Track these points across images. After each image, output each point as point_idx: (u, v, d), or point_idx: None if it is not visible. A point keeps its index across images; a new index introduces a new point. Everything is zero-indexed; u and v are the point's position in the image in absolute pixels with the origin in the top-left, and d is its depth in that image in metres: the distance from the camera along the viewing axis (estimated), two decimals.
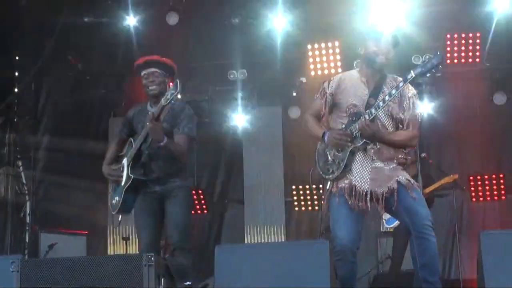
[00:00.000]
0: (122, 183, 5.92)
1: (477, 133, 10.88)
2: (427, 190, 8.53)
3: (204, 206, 11.21)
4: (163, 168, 5.92)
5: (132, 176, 5.85)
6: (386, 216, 8.40)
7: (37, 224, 10.01)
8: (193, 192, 11.07)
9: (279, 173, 11.35)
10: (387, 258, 9.63)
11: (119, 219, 6.06)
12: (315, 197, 10.74)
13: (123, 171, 5.96)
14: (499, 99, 10.73)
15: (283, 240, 10.89)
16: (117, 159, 6.12)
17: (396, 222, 8.60)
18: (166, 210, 5.91)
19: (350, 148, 5.16)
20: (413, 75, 5.11)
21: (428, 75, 5.22)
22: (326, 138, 5.26)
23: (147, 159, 5.92)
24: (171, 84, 6.02)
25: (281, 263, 5.22)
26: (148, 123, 5.70)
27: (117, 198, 5.96)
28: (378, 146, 5.18)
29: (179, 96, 6.14)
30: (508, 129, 10.81)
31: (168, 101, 5.63)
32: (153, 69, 6.01)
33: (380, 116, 5.20)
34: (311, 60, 10.62)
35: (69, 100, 11.13)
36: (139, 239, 6.05)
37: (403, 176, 5.20)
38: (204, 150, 11.50)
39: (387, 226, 8.75)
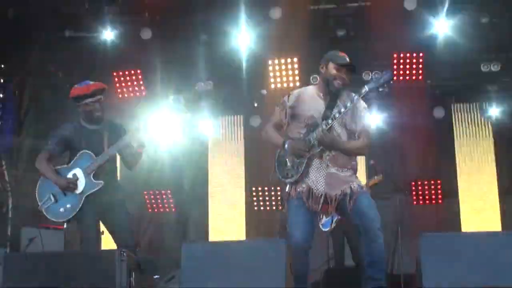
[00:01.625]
0: (79, 191, 5.97)
1: (419, 143, 11.01)
2: None
3: (172, 205, 11.18)
4: (109, 181, 6.08)
5: (100, 182, 5.96)
6: (322, 220, 8.43)
7: (19, 219, 9.89)
8: (163, 192, 11.11)
9: (240, 176, 11.39)
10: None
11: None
12: (273, 198, 10.79)
13: (77, 180, 5.99)
14: (438, 113, 10.88)
15: (243, 237, 10.92)
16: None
17: (331, 226, 8.63)
18: (114, 221, 6.09)
19: (308, 155, 5.26)
20: (367, 90, 5.23)
21: (380, 89, 5.32)
22: (286, 146, 5.34)
23: (101, 171, 6.03)
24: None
25: (241, 260, 5.25)
26: (129, 135, 5.99)
27: (68, 205, 5.99)
28: (333, 154, 5.28)
29: None
30: (446, 141, 10.97)
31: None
32: (99, 96, 6.10)
33: (335, 126, 5.29)
34: (271, 74, 10.62)
35: (50, 106, 11.04)
36: (87, 241, 6.05)
37: (356, 183, 5.32)
38: (172, 154, 11.50)
39: (323, 229, 8.74)
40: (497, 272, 4.96)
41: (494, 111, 10.70)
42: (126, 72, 10.74)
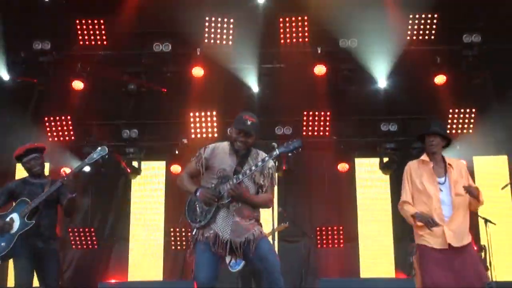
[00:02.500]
0: (13, 231, 6.21)
1: (324, 193, 11.24)
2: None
3: (95, 243, 11.02)
4: (49, 223, 6.34)
5: (32, 222, 6.19)
6: (231, 262, 8.41)
7: None
8: (86, 229, 10.96)
9: (160, 216, 11.36)
10: None
11: None
12: (189, 238, 10.76)
13: (13, 222, 6.25)
14: (342, 168, 11.15)
15: (161, 274, 10.86)
16: None
17: (240, 266, 8.63)
18: (44, 269, 6.28)
19: (217, 204, 5.37)
20: (277, 153, 5.41)
21: (289, 155, 5.53)
22: (198, 193, 5.43)
23: (39, 216, 6.27)
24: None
25: None
26: (61, 181, 6.19)
27: (2, 244, 6.20)
28: (240, 205, 5.40)
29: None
30: (348, 191, 11.23)
31: (93, 159, 6.31)
32: (34, 155, 6.49)
33: (245, 181, 5.43)
34: (192, 125, 10.70)
35: None
36: (16, 278, 6.21)
37: (257, 229, 5.44)
38: (98, 195, 11.42)
39: (232, 270, 8.75)
40: None
41: (391, 165, 11.03)
42: (57, 118, 10.65)
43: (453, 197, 5.98)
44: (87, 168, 10.70)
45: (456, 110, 10.64)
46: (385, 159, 11.17)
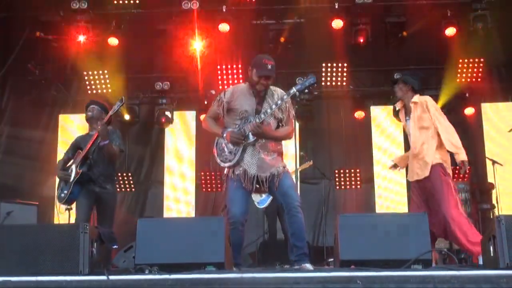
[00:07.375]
0: (71, 179, 6.49)
1: (342, 138, 11.24)
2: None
3: (132, 185, 11.13)
4: (101, 171, 6.59)
5: (81, 170, 6.46)
6: (257, 198, 8.35)
7: None
8: (124, 174, 11.05)
9: (191, 161, 11.43)
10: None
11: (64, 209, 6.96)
12: (219, 181, 10.84)
13: (71, 172, 6.55)
14: (358, 114, 11.09)
15: (193, 214, 10.97)
16: (65, 169, 6.69)
17: (267, 203, 8.58)
18: (100, 210, 6.65)
19: (244, 144, 5.37)
20: (295, 90, 5.38)
21: (306, 90, 5.49)
22: (225, 135, 5.44)
23: (91, 161, 6.54)
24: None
25: (188, 233, 5.28)
26: (98, 127, 6.42)
27: (65, 191, 6.50)
28: (264, 141, 5.41)
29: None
30: (364, 137, 11.19)
31: (115, 110, 6.40)
32: (92, 106, 6.82)
33: (266, 118, 5.41)
34: (219, 77, 10.65)
35: (27, 98, 10.91)
36: (77, 217, 6.56)
37: (281, 166, 5.46)
38: (134, 142, 11.49)
39: (259, 207, 8.71)
40: (401, 247, 5.06)
41: None
42: (95, 72, 10.63)
43: (415, 132, 6.21)
44: (126, 117, 11.01)
45: (466, 60, 10.52)
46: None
